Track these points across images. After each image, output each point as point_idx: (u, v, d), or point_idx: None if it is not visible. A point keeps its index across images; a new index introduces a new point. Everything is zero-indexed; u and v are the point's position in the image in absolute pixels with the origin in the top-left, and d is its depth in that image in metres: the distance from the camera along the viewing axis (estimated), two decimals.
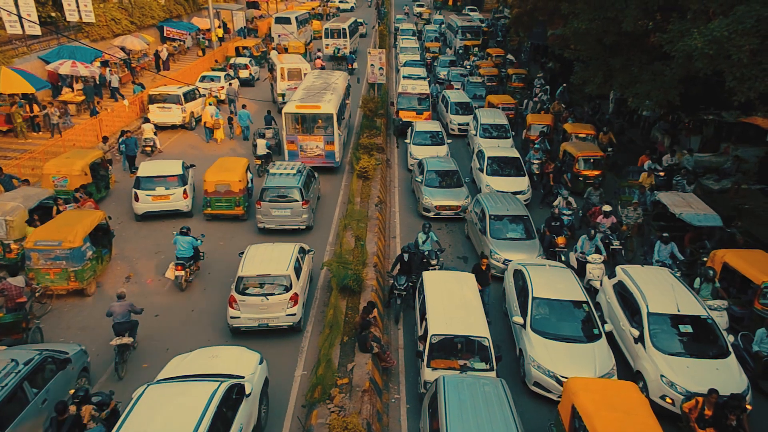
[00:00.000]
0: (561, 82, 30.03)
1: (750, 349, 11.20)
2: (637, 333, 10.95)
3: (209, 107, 24.42)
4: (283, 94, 27.84)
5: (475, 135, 23.15)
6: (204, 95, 27.30)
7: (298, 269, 12.65)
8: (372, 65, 29.06)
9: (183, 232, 14.01)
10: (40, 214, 14.45)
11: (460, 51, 43.92)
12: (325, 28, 41.52)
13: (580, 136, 21.70)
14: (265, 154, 21.16)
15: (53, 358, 9.73)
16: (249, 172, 18.27)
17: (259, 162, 21.05)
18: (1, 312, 11.35)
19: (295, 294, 12.13)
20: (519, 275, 12.71)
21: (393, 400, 10.91)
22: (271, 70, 32.07)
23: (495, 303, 13.49)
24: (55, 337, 12.13)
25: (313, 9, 59.55)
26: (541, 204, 19.21)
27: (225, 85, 28.99)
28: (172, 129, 25.63)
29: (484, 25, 52.14)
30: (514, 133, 23.98)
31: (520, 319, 11.54)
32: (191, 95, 26.15)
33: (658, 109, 20.99)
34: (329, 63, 39.00)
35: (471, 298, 11.48)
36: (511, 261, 13.92)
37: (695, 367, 10.21)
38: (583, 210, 17.24)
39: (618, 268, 12.77)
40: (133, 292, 13.52)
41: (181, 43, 40.46)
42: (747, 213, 16.63)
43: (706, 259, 13.54)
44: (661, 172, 18.65)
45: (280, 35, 42.36)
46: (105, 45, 32.50)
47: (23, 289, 11.71)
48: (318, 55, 37.73)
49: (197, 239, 14.22)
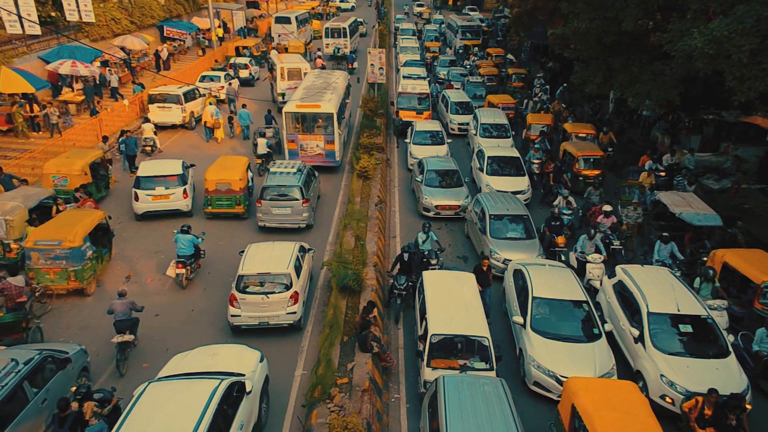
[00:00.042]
0: (561, 81, 30.02)
1: (750, 349, 11.20)
2: (637, 333, 10.95)
3: (210, 107, 24.43)
4: (283, 94, 27.88)
5: (475, 134, 23.14)
6: (204, 95, 27.32)
7: (298, 268, 12.69)
8: (372, 65, 29.04)
9: (184, 231, 14.05)
10: (39, 214, 14.45)
11: (460, 51, 43.89)
12: (326, 28, 41.51)
13: (580, 135, 21.69)
14: (266, 153, 21.20)
15: (53, 358, 9.74)
16: (249, 170, 18.32)
17: (259, 161, 21.09)
18: (1, 312, 11.36)
19: (296, 292, 12.17)
20: (519, 275, 12.71)
21: (393, 400, 10.91)
22: (271, 70, 32.08)
23: (495, 303, 13.48)
24: (55, 336, 12.13)
25: (312, 9, 59.55)
26: (541, 204, 19.21)
27: (225, 85, 29.00)
28: (172, 129, 25.64)
29: (484, 24, 52.15)
30: (514, 132, 23.97)
31: (520, 318, 11.54)
32: (191, 95, 26.17)
33: (658, 109, 20.98)
34: (329, 62, 38.98)
35: (471, 297, 11.48)
36: (511, 261, 13.92)
37: (695, 366, 10.21)
38: (583, 210, 17.25)
39: (618, 268, 12.76)
40: (133, 292, 13.52)
41: (181, 42, 40.45)
42: (747, 213, 16.64)
43: (706, 258, 13.54)
44: (662, 172, 18.65)
45: (280, 35, 42.34)
46: (105, 45, 32.51)
47: (23, 289, 11.71)
48: (318, 54, 37.72)
49: (198, 237, 14.26)
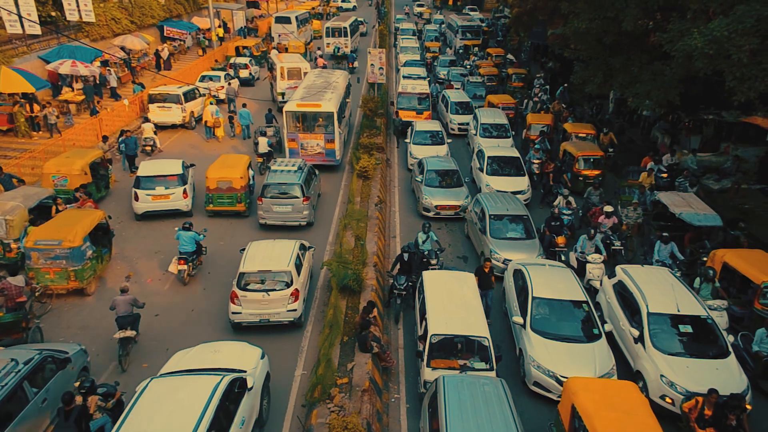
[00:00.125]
0: (561, 81, 30.01)
1: (750, 349, 11.20)
2: (637, 333, 10.94)
3: (210, 106, 24.47)
4: (282, 93, 27.90)
5: (475, 134, 23.14)
6: (204, 95, 27.33)
7: (298, 265, 12.76)
8: (372, 65, 29.03)
9: (185, 228, 14.15)
10: (37, 214, 14.44)
11: (460, 51, 43.88)
12: (326, 27, 41.52)
13: (580, 135, 21.69)
14: (267, 151, 21.26)
15: (53, 358, 9.74)
16: (250, 169, 18.37)
17: (260, 160, 21.15)
18: (1, 311, 11.35)
19: (296, 290, 12.23)
20: (519, 275, 12.70)
21: (393, 400, 10.91)
22: (271, 70, 32.08)
23: (495, 303, 13.47)
24: (55, 336, 12.13)
25: (313, 8, 59.55)
26: (541, 204, 19.20)
27: (225, 85, 29.00)
28: (172, 128, 25.64)
29: (484, 24, 52.14)
30: (514, 132, 23.97)
31: (520, 318, 11.54)
32: (191, 95, 26.18)
33: (658, 109, 20.97)
34: (329, 62, 38.97)
35: (471, 298, 11.48)
36: (510, 261, 13.92)
37: (695, 367, 10.21)
38: (583, 210, 17.24)
39: (618, 268, 12.76)
40: (133, 292, 13.40)
41: (181, 42, 40.44)
42: (747, 213, 16.64)
43: (706, 258, 13.53)
44: (664, 173, 18.64)
45: (280, 35, 42.34)
46: (105, 44, 32.51)
47: (23, 289, 11.71)
48: (320, 54, 37.72)
49: (200, 234, 14.32)
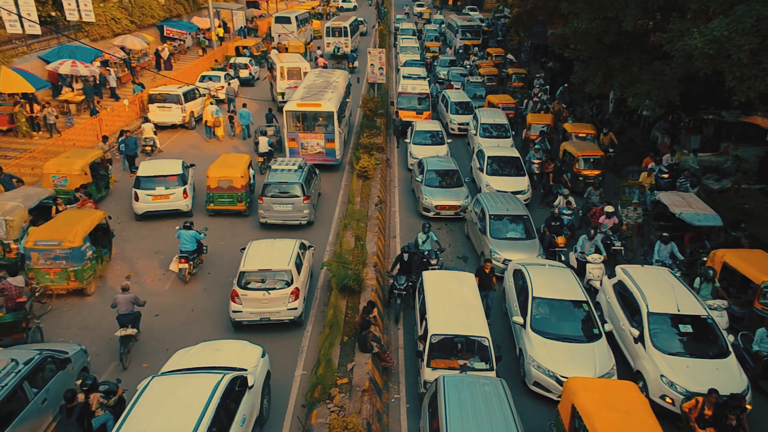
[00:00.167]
0: (561, 81, 30.01)
1: (750, 349, 11.20)
2: (637, 333, 10.94)
3: (210, 106, 24.50)
4: (282, 93, 27.90)
5: (475, 134, 23.13)
6: (204, 95, 27.32)
7: (299, 264, 12.80)
8: (372, 65, 29.04)
9: (186, 227, 14.19)
10: (37, 214, 14.44)
11: (460, 51, 43.88)
12: (327, 27, 41.52)
13: (580, 135, 21.69)
14: (267, 151, 21.29)
15: (53, 358, 9.74)
16: (251, 168, 18.39)
17: (261, 159, 21.18)
18: (1, 312, 11.35)
19: (297, 288, 12.26)
20: (519, 275, 12.70)
21: (393, 400, 10.91)
22: (271, 70, 32.07)
23: (495, 303, 13.47)
24: (55, 336, 12.13)
25: (313, 8, 59.55)
26: (541, 204, 19.20)
27: (224, 85, 29.01)
28: (172, 128, 25.64)
29: (484, 24, 52.14)
30: (514, 132, 23.97)
31: (520, 318, 11.54)
32: (191, 95, 26.18)
33: (658, 109, 20.96)
34: (330, 61, 38.98)
35: (471, 298, 11.48)
36: (510, 261, 13.92)
37: (695, 366, 10.21)
38: (584, 210, 17.24)
39: (618, 268, 12.76)
40: (133, 292, 13.37)
41: (181, 42, 40.44)
42: (747, 213, 16.63)
43: (706, 258, 13.53)
44: (666, 174, 18.63)
45: (280, 35, 42.36)
46: (105, 44, 32.51)
47: (23, 289, 11.71)
48: (319, 53, 37.68)
49: (200, 233, 14.35)
